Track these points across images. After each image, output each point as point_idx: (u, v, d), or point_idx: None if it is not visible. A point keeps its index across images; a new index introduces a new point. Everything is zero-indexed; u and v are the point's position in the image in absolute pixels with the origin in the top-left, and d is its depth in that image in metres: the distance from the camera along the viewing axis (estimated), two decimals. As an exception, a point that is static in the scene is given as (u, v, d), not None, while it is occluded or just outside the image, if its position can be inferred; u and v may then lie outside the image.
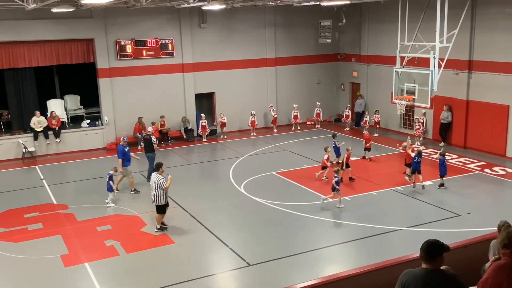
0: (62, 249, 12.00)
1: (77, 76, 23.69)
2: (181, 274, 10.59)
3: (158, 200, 12.59)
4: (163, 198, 12.58)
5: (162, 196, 12.54)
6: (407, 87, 17.78)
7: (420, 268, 5.02)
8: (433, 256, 4.95)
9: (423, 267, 5.01)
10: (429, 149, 19.97)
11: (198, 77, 23.35)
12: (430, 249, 4.98)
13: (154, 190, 12.56)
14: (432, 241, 5.06)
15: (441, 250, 4.98)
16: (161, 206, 12.69)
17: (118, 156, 15.82)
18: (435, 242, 5.02)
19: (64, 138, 21.38)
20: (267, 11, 24.00)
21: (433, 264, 4.95)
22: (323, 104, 25.27)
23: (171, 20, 22.47)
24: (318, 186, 15.89)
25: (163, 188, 12.48)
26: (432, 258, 4.94)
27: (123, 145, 15.88)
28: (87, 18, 20.88)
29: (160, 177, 12.56)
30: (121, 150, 15.78)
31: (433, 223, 12.81)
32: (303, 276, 9.98)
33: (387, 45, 21.85)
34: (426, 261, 4.98)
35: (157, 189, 12.51)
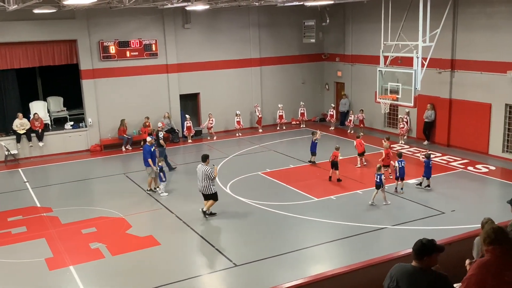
0: (46, 252, 11.86)
1: (60, 78, 23.45)
2: (168, 276, 10.53)
3: (207, 189, 13.33)
4: (212, 187, 13.36)
5: (210, 185, 13.29)
6: (391, 86, 17.91)
7: (410, 265, 5.06)
8: (421, 255, 4.98)
9: (413, 264, 5.05)
10: (413, 148, 20.16)
11: (182, 78, 23.27)
12: (419, 248, 5.02)
13: (202, 181, 13.27)
14: (423, 240, 5.07)
15: (430, 251, 4.99)
16: (213, 194, 13.45)
17: (147, 157, 15.68)
18: (425, 242, 5.04)
19: (47, 140, 21.14)
20: (251, 11, 24.00)
21: (420, 262, 4.98)
22: (307, 103, 25.35)
23: (155, 21, 22.36)
24: (303, 186, 15.93)
25: (212, 178, 13.23)
26: (420, 257, 4.98)
27: (149, 145, 15.90)
28: (70, 19, 20.68)
29: (208, 167, 13.28)
30: (149, 150, 15.77)
31: (418, 221, 12.93)
32: (289, 275, 9.98)
33: (371, 44, 21.99)
34: (414, 259, 5.03)
35: (206, 179, 13.20)
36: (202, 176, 13.29)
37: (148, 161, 15.70)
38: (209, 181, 13.25)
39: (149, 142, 16.05)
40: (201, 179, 13.34)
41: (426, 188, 15.26)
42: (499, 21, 17.61)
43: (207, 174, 13.20)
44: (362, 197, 14.91)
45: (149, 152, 15.79)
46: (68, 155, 21.21)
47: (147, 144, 15.98)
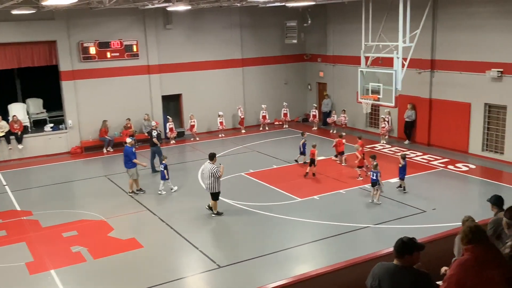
0: (27, 256, 11.68)
1: (39, 79, 23.15)
2: (151, 279, 10.46)
3: (212, 187, 13.38)
4: (216, 186, 13.39)
5: (215, 184, 13.34)
6: (372, 86, 18.05)
7: (392, 263, 5.10)
8: (402, 253, 5.04)
9: (394, 263, 5.09)
10: (394, 147, 20.34)
11: (164, 79, 23.14)
12: (400, 246, 5.07)
13: (208, 179, 13.33)
14: (404, 239, 5.13)
15: (410, 249, 5.05)
16: (215, 193, 13.50)
17: (131, 158, 15.55)
18: (405, 240, 5.10)
19: (27, 142, 20.84)
20: (232, 12, 23.98)
21: (402, 261, 5.03)
22: (290, 104, 25.41)
23: (136, 21, 22.20)
24: (287, 186, 15.95)
25: (217, 176, 13.30)
26: (401, 255, 5.04)
27: (130, 146, 15.74)
28: (49, 20, 20.42)
29: (214, 166, 13.38)
30: (130, 151, 15.62)
31: (399, 219, 13.04)
32: (274, 276, 9.98)
33: (352, 45, 22.13)
34: (396, 258, 5.08)
35: (211, 177, 13.26)
36: (208, 174, 13.41)
37: (134, 161, 15.58)
38: (214, 179, 13.33)
39: (129, 143, 15.89)
40: (207, 177, 13.46)
41: (399, 189, 15.15)
42: (478, 22, 17.87)
43: (212, 172, 13.30)
44: (345, 196, 15.00)
45: (132, 154, 15.66)
46: (48, 157, 20.93)
47: (127, 145, 15.82)
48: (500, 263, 4.81)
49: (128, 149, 15.73)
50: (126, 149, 15.77)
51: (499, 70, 17.19)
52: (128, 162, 15.62)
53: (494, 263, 4.76)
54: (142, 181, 16.57)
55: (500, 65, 17.24)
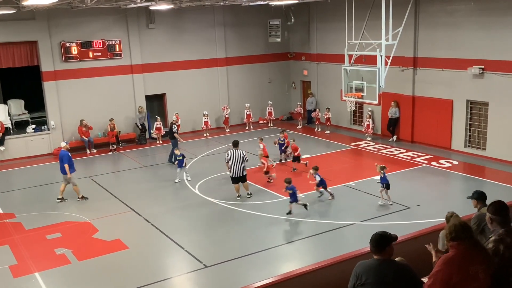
0: (10, 259, 11.52)
1: (20, 80, 22.84)
2: (137, 279, 10.39)
3: (242, 171, 14.71)
4: (245, 169, 14.75)
5: (245, 167, 14.73)
6: (356, 84, 18.09)
7: (373, 259, 5.19)
8: (382, 247, 5.15)
9: (375, 258, 5.16)
10: (378, 145, 20.48)
11: (148, 78, 23.00)
12: (378, 240, 5.17)
13: (238, 164, 14.59)
14: (379, 233, 5.26)
15: (388, 241, 5.19)
16: (245, 175, 14.83)
17: (64, 161, 15.00)
18: (382, 234, 5.23)
19: (8, 144, 20.56)
20: (216, 11, 23.91)
21: (383, 254, 5.14)
22: (275, 102, 25.43)
23: (118, 21, 22.02)
24: (271, 185, 15.96)
25: (247, 160, 14.80)
26: (382, 249, 5.14)
27: (65, 150, 15.25)
28: (30, 20, 20.16)
29: (243, 151, 14.81)
30: (67, 156, 15.10)
31: (384, 216, 13.14)
32: (260, 275, 9.97)
33: (335, 43, 22.22)
34: (376, 253, 5.17)
35: (242, 162, 14.60)
36: (237, 159, 14.57)
37: (65, 167, 14.98)
38: (244, 163, 14.67)
39: (64, 147, 15.34)
40: (236, 162, 14.57)
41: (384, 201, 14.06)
42: (459, 19, 18.07)
43: (243, 156, 14.65)
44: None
45: (66, 158, 15.05)
46: (30, 159, 20.67)
47: (63, 149, 15.26)
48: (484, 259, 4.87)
49: (63, 153, 15.17)
50: (62, 154, 15.18)
51: (481, 67, 17.40)
52: (63, 167, 15.06)
53: (478, 259, 4.82)
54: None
55: (482, 62, 17.45)
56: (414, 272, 5.24)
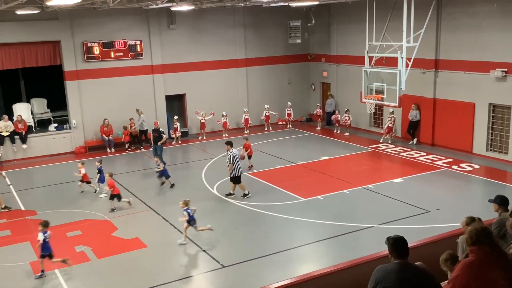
0: (31, 256, 11.70)
1: (43, 79, 23.20)
2: (155, 278, 10.48)
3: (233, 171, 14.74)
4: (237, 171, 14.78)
5: (237, 168, 14.77)
6: (376, 86, 18.01)
7: (393, 263, 5.14)
8: (405, 250, 5.10)
9: (395, 262, 5.12)
10: (398, 147, 20.31)
11: (168, 79, 23.16)
12: (401, 244, 5.13)
13: (239, 163, 14.83)
14: (399, 236, 5.20)
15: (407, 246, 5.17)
16: (236, 177, 14.88)
17: None
18: (402, 238, 5.19)
19: (31, 142, 20.90)
20: (236, 12, 23.98)
21: (405, 258, 5.09)
22: (294, 104, 25.38)
23: (139, 21, 22.23)
24: (290, 186, 15.94)
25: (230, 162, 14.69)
26: (405, 252, 5.10)
27: None
28: (53, 20, 20.48)
29: (235, 152, 14.92)
30: None
31: (403, 219, 13.01)
32: (277, 276, 9.98)
33: (356, 45, 22.09)
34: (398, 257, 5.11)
35: (239, 162, 14.75)
36: (238, 158, 14.87)
37: None
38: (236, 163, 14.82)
39: None
40: (239, 161, 14.92)
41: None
42: (482, 21, 17.82)
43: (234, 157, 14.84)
44: (349, 196, 14.98)
45: None
46: (52, 157, 20.99)
47: None
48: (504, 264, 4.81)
49: None
50: None
51: (504, 70, 17.13)
52: None
53: (498, 264, 4.76)
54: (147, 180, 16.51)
55: (505, 65, 17.18)
56: (434, 276, 5.19)
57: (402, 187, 15.58)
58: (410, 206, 13.96)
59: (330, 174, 17.09)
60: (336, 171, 17.48)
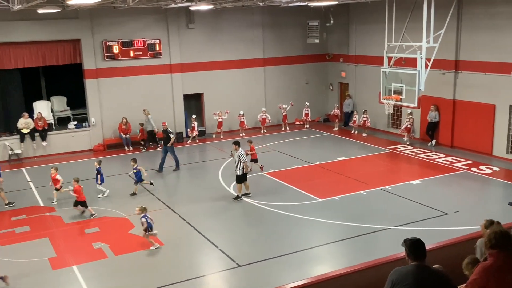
0: (49, 252, 11.88)
1: (63, 77, 23.49)
2: (171, 276, 10.54)
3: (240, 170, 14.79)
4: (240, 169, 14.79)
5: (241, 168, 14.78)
6: (395, 87, 17.88)
7: (410, 265, 5.11)
8: (423, 252, 5.07)
9: (412, 263, 5.09)
10: (416, 149, 20.13)
11: (186, 78, 23.28)
12: (419, 246, 5.10)
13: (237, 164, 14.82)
14: (416, 239, 5.17)
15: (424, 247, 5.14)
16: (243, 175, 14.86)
17: None
18: (419, 240, 5.15)
19: (50, 139, 21.19)
20: (255, 12, 24.00)
21: (422, 260, 5.05)
22: (311, 104, 25.31)
23: (159, 21, 22.38)
24: (307, 186, 15.90)
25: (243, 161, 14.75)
26: (422, 254, 5.06)
27: None
28: (73, 19, 20.73)
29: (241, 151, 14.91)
30: None
31: (421, 221, 12.89)
32: (293, 276, 9.97)
33: (375, 45, 21.95)
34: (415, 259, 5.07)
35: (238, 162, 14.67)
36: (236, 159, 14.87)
37: None
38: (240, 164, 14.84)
39: None
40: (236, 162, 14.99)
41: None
42: (502, 22, 17.56)
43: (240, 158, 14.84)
44: (366, 197, 14.89)
45: None
46: (71, 154, 21.25)
47: None
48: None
49: None
50: None
51: (525, 71, 16.88)
52: None
53: (517, 268, 4.70)
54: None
55: (526, 66, 16.93)
56: (451, 279, 5.15)
57: (420, 189, 15.44)
58: (428, 208, 13.82)
59: (347, 175, 17.01)
60: (353, 172, 17.38)
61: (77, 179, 14.42)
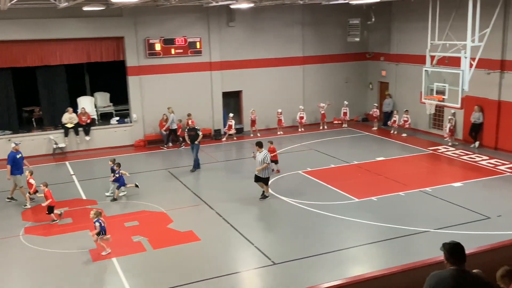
0: (90, 244, 12.19)
1: (107, 74, 24.06)
2: (207, 271, 10.67)
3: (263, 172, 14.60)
4: (266, 172, 14.62)
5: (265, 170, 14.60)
6: (437, 86, 17.51)
7: (449, 269, 5.01)
8: (463, 256, 4.97)
9: (451, 268, 4.99)
10: (459, 150, 19.65)
11: (225, 76, 23.45)
12: (460, 250, 5.00)
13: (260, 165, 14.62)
14: (455, 242, 5.06)
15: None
16: (265, 178, 14.69)
17: (8, 162, 14.97)
18: (458, 243, 5.04)
19: (93, 134, 21.76)
20: (295, 10, 23.93)
21: (462, 265, 4.95)
22: (350, 103, 25.06)
23: (200, 19, 22.62)
24: (344, 186, 15.77)
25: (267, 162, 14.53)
26: (463, 259, 4.96)
27: (14, 151, 15.09)
28: (118, 17, 21.19)
29: (265, 153, 14.66)
30: (11, 157, 14.95)
31: (461, 225, 12.58)
32: (328, 276, 9.94)
33: (417, 44, 21.53)
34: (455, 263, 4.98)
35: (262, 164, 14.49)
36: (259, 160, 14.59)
37: (8, 167, 14.85)
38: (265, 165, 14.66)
39: (13, 148, 15.13)
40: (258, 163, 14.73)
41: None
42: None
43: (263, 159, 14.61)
44: (405, 199, 14.64)
45: (12, 159, 14.91)
46: (113, 149, 21.74)
47: (12, 150, 15.07)
48: None
49: (9, 154, 15.04)
50: (8, 155, 15.08)
51: None
52: (12, 168, 14.87)
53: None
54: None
55: None
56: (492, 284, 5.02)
57: (461, 192, 15.07)
58: (470, 211, 13.48)
59: (385, 175, 16.77)
60: (392, 173, 17.12)
61: (45, 184, 13.86)
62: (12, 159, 15.02)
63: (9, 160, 15.00)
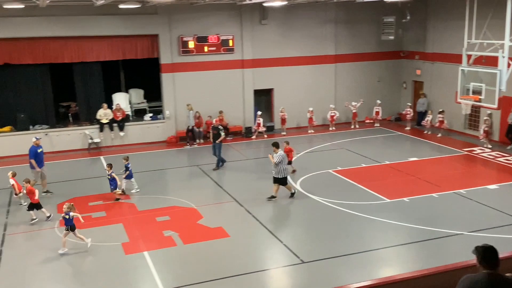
0: (123, 237, 12.45)
1: (141, 71, 24.42)
2: (235, 268, 10.74)
3: (279, 173, 14.45)
4: (283, 172, 14.47)
5: (282, 170, 14.44)
6: (474, 86, 17.14)
7: (482, 273, 4.93)
8: (497, 260, 4.89)
9: (484, 272, 4.91)
10: (495, 152, 19.19)
11: (257, 73, 23.49)
12: (494, 253, 4.92)
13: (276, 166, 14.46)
14: (489, 246, 4.97)
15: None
16: (282, 178, 14.51)
17: (30, 156, 15.18)
18: (492, 247, 4.95)
19: (127, 130, 22.14)
20: (328, 8, 23.77)
21: (495, 269, 4.87)
22: (383, 102, 24.76)
23: (233, 17, 22.71)
24: (375, 186, 15.61)
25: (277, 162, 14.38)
26: (495, 263, 4.88)
27: (36, 146, 15.27)
28: (152, 14, 21.48)
29: (280, 154, 14.55)
30: (33, 151, 15.17)
31: (496, 228, 12.29)
32: (356, 276, 9.88)
33: (453, 42, 21.11)
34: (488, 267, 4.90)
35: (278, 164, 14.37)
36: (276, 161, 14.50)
37: (31, 162, 15.03)
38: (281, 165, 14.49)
39: (34, 143, 15.26)
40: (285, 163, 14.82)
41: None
42: None
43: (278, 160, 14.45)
44: (438, 200, 14.40)
45: (34, 153, 15.10)
46: (146, 145, 22.08)
47: (33, 145, 15.22)
48: None
49: (31, 148, 15.20)
50: (30, 149, 15.22)
51: None
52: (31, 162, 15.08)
53: None
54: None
55: None
56: None
57: (497, 194, 14.72)
58: (505, 214, 13.16)
59: (418, 176, 16.52)
60: (425, 174, 16.84)
61: (27, 180, 13.72)
62: (34, 153, 15.28)
63: (31, 155, 15.28)
